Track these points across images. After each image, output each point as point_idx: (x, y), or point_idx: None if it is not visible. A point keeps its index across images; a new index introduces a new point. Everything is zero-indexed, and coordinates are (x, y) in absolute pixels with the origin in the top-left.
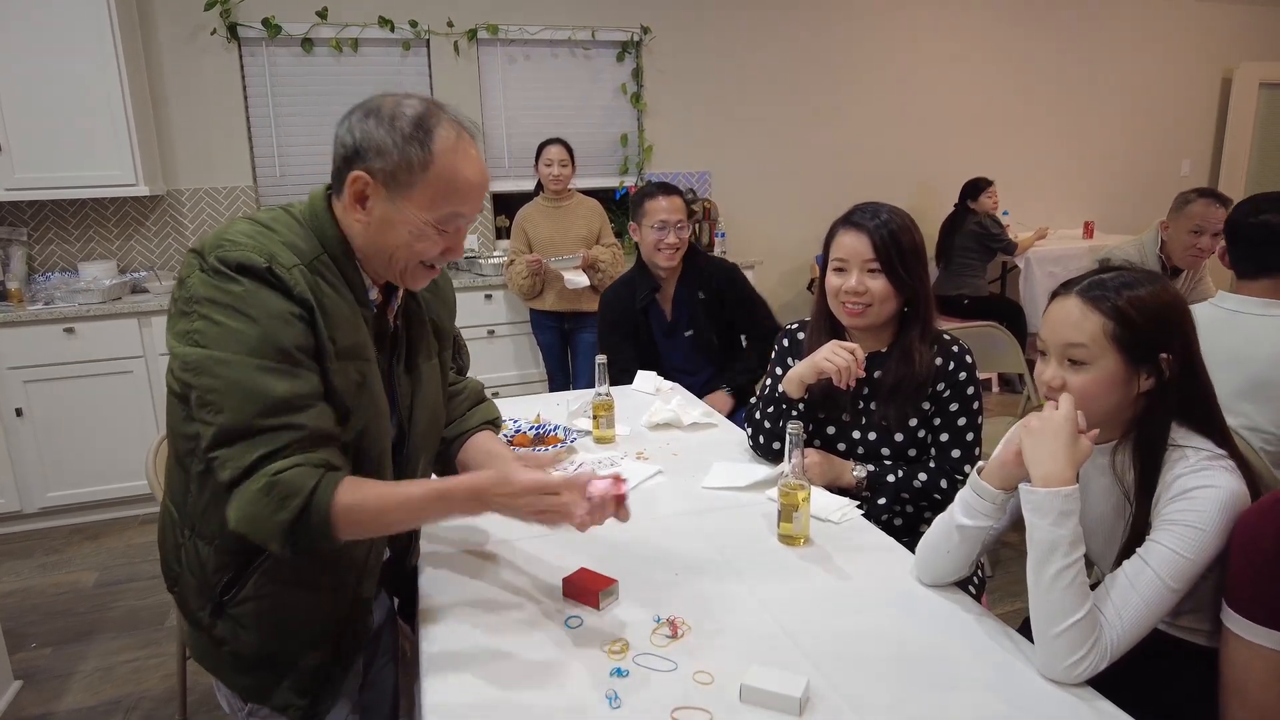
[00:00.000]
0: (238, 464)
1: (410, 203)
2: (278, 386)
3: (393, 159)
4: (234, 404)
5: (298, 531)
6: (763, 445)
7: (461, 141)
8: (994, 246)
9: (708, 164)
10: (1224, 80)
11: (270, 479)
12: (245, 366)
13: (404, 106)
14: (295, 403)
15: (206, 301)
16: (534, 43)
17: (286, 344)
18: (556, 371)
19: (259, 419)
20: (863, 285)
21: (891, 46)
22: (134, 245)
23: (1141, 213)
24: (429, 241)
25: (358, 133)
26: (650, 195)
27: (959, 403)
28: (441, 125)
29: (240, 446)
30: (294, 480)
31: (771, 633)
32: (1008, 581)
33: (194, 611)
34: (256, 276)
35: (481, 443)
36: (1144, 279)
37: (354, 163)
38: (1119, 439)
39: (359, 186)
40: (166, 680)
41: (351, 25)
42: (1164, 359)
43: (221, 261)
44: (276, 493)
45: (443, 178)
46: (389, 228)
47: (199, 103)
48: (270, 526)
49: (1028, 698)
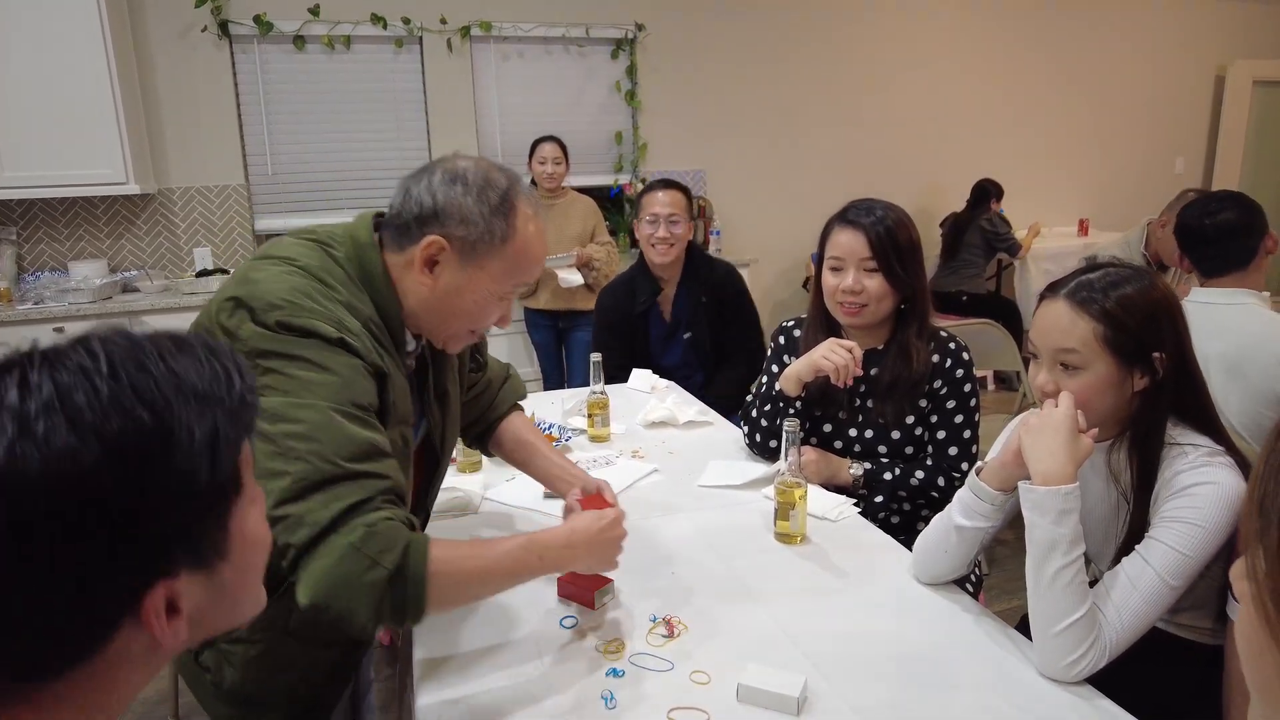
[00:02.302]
0: (320, 516)
1: (484, 273)
2: (362, 432)
3: (476, 229)
4: (317, 448)
5: (391, 595)
6: (759, 443)
7: (536, 217)
8: (999, 246)
9: (703, 162)
10: (1217, 77)
11: (366, 529)
12: (327, 412)
13: (491, 176)
14: (378, 452)
15: (274, 355)
16: (527, 40)
17: (362, 399)
18: (551, 370)
19: (347, 463)
20: (859, 284)
21: (886, 44)
22: (125, 244)
23: (1136, 210)
24: (491, 311)
25: (440, 196)
26: (649, 190)
27: (956, 400)
28: (521, 199)
29: (322, 496)
30: (391, 533)
31: (769, 632)
32: (1004, 579)
33: None
34: (327, 342)
35: (513, 430)
36: (1131, 276)
37: (431, 225)
38: (1114, 438)
39: (433, 251)
40: (159, 682)
41: (344, 22)
42: (1157, 358)
43: (285, 327)
44: (372, 546)
45: (520, 253)
46: (455, 295)
47: (190, 100)
48: (361, 589)
49: (1026, 696)
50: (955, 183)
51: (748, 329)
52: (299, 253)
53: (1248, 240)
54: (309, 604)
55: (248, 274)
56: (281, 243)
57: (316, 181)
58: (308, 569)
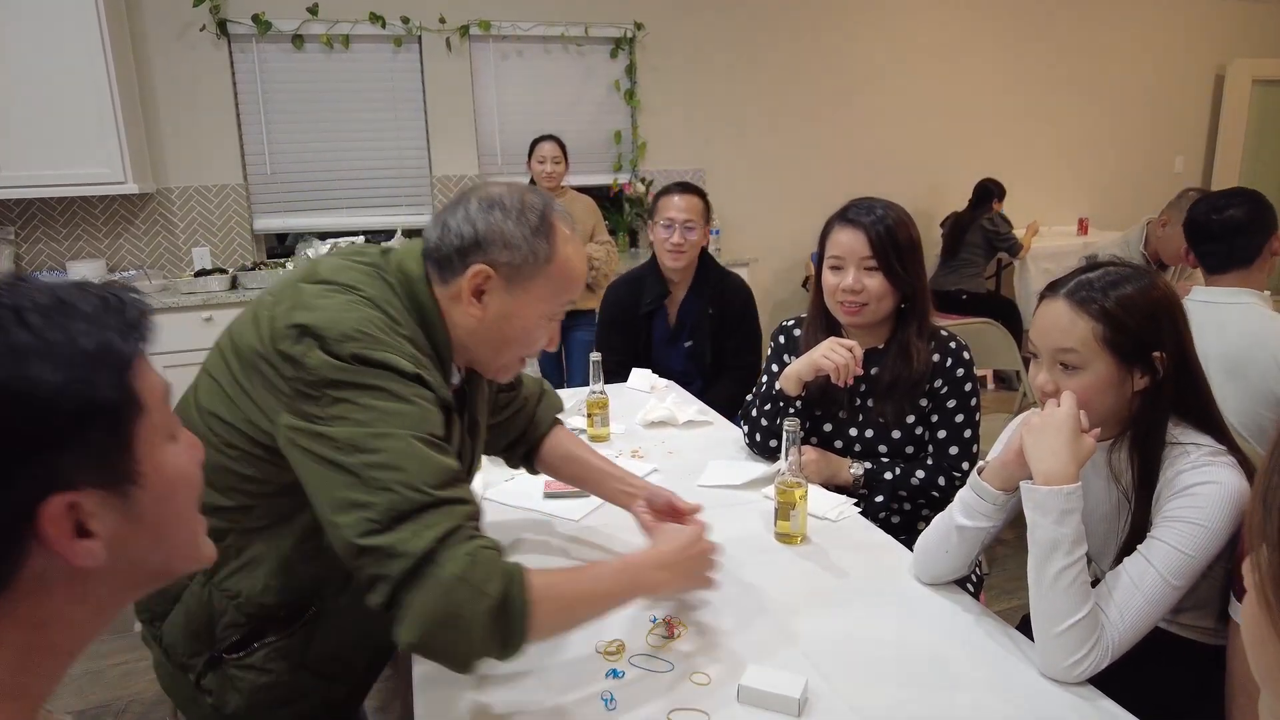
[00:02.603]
0: (415, 546)
1: (531, 296)
2: (444, 460)
3: (520, 253)
4: (403, 477)
5: (496, 625)
6: (759, 443)
7: (573, 234)
8: (1000, 245)
9: (702, 161)
10: (1217, 77)
11: (469, 558)
12: (409, 440)
13: (527, 199)
14: (460, 478)
15: (347, 386)
16: (526, 39)
17: (437, 430)
18: (550, 370)
19: (435, 490)
20: (860, 284)
21: (885, 42)
22: (123, 244)
23: (1135, 209)
24: (541, 333)
25: (481, 224)
26: (665, 193)
27: (957, 399)
28: (558, 218)
29: (413, 525)
30: (491, 562)
31: (769, 633)
32: (1004, 579)
33: (179, 654)
34: (402, 375)
35: (559, 446)
36: (1131, 275)
37: (474, 254)
38: (1115, 437)
39: (480, 280)
40: (156, 684)
41: (342, 21)
42: (1157, 357)
43: (360, 359)
44: (477, 576)
45: (563, 270)
46: (505, 322)
47: (188, 100)
48: (469, 622)
49: (1027, 696)
50: (955, 182)
51: (747, 345)
52: (359, 280)
53: (1253, 238)
54: (415, 641)
55: (306, 299)
56: (334, 266)
57: (315, 181)
58: (410, 605)
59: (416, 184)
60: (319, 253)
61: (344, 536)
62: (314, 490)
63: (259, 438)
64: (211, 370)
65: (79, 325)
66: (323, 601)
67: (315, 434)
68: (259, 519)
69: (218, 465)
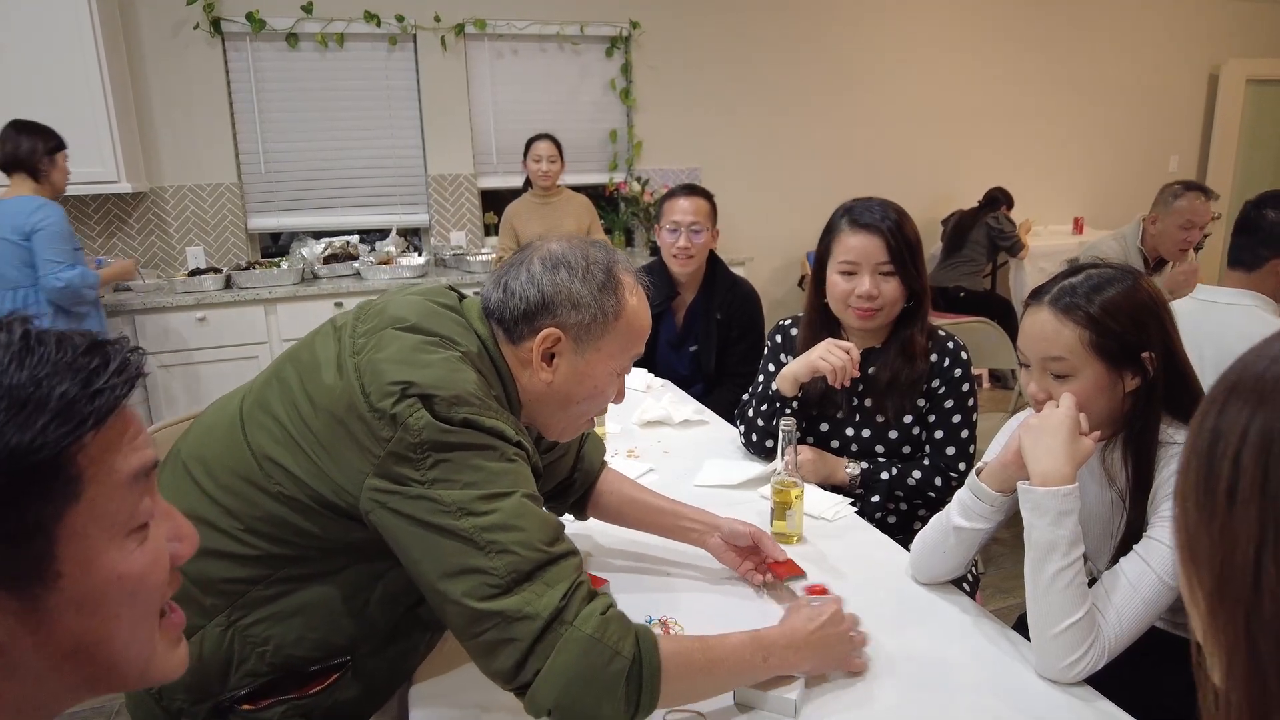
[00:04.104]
0: (541, 607)
1: (600, 354)
2: (551, 516)
3: (589, 312)
4: (522, 537)
5: (632, 686)
6: (755, 443)
7: (639, 286)
8: (1002, 245)
9: (698, 160)
10: (1211, 76)
11: (601, 619)
12: (521, 499)
13: (591, 254)
14: (564, 532)
15: (454, 448)
16: (522, 38)
17: (535, 489)
18: None
19: (550, 547)
20: (876, 289)
21: (880, 42)
22: (117, 243)
23: (1130, 208)
24: (610, 390)
25: (547, 285)
26: (671, 196)
27: (954, 400)
28: (623, 271)
29: (536, 585)
30: (621, 621)
31: None
32: (1001, 578)
33: (176, 699)
34: (508, 442)
35: (615, 488)
36: (1115, 278)
37: (543, 316)
38: (1109, 438)
39: (549, 344)
40: None
41: (337, 20)
42: (1146, 357)
43: (470, 425)
44: (611, 636)
45: (632, 326)
46: (576, 383)
47: (182, 98)
48: (606, 682)
49: (1024, 696)
50: (950, 180)
51: (753, 354)
52: (454, 333)
53: (1260, 247)
54: (552, 704)
55: (406, 354)
56: (422, 310)
57: (310, 180)
58: (546, 668)
59: (411, 183)
60: (315, 253)
61: (459, 603)
62: (417, 557)
63: (333, 498)
64: (275, 411)
65: (23, 373)
66: (358, 660)
67: (416, 497)
68: (307, 568)
69: (273, 515)
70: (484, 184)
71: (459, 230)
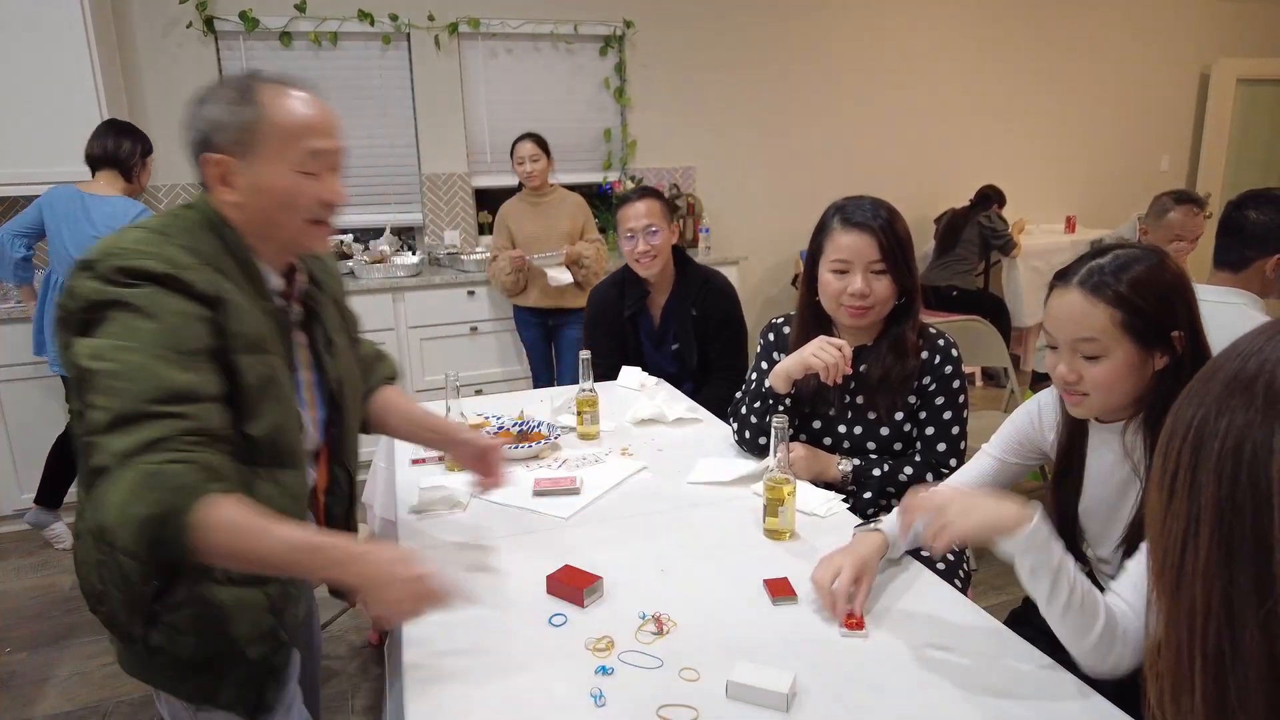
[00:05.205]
0: (117, 448)
1: (264, 159)
2: (176, 376)
3: (233, 126)
4: (128, 387)
5: (158, 532)
6: (748, 440)
7: (284, 87)
8: (995, 244)
9: (692, 159)
10: (1202, 76)
11: (152, 468)
12: (146, 354)
13: (228, 79)
14: (188, 395)
15: (105, 305)
16: (516, 37)
17: (188, 343)
18: (540, 368)
19: (149, 404)
20: (868, 288)
21: (874, 41)
22: None
23: (1122, 207)
24: (305, 189)
25: (198, 122)
26: (623, 202)
27: (945, 397)
28: (262, 80)
29: (123, 432)
30: (174, 475)
31: (758, 628)
32: (992, 574)
33: (125, 626)
34: (156, 282)
35: (390, 400)
36: (1140, 256)
37: (204, 151)
38: (1128, 419)
39: (214, 169)
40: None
41: (331, 19)
42: (1175, 336)
43: (118, 271)
44: (152, 484)
45: (278, 122)
46: (259, 194)
47: (175, 97)
48: (129, 519)
49: (1017, 692)
50: (942, 179)
51: (732, 348)
52: (154, 221)
53: (1246, 248)
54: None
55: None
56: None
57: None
58: (101, 494)
59: (405, 182)
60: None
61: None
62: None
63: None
64: None
65: None
66: None
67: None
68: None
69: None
70: (478, 183)
71: (453, 229)
